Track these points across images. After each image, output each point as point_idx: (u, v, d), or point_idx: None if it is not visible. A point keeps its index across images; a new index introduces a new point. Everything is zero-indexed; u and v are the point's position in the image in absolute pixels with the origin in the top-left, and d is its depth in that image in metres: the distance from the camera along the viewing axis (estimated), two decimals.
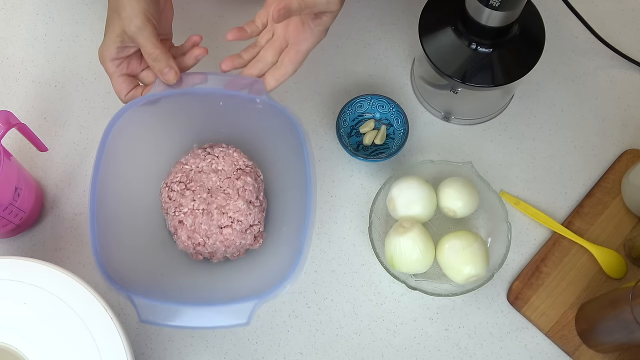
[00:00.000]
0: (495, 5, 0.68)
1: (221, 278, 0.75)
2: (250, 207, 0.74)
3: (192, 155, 0.77)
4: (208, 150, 0.77)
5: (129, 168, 0.73)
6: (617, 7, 0.92)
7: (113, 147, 0.70)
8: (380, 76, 0.88)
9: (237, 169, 0.76)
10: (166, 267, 0.74)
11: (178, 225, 0.74)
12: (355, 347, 0.76)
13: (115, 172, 0.71)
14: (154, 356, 0.76)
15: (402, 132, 0.82)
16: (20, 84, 0.87)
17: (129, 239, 0.72)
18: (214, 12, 0.91)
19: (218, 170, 0.76)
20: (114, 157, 0.70)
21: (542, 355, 0.76)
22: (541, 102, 0.87)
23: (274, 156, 0.78)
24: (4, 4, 0.92)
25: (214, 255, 0.75)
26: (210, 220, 0.73)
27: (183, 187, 0.75)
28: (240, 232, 0.74)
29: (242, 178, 0.75)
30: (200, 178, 0.75)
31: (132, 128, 0.71)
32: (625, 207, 0.81)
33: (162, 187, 0.76)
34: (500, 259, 0.75)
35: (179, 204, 0.74)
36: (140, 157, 0.75)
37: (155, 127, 0.75)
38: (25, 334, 0.63)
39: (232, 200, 0.74)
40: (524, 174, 0.84)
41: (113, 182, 0.70)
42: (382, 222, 0.79)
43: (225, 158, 0.76)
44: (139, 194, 0.75)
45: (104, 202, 0.68)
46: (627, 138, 0.85)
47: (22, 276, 0.65)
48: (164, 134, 0.77)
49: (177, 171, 0.76)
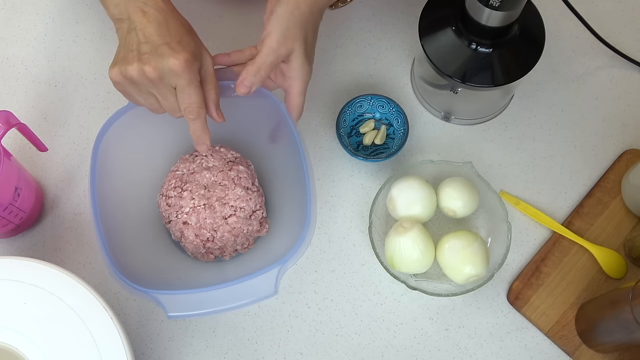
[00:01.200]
0: (495, 5, 0.68)
1: (235, 271, 0.75)
2: (249, 192, 0.75)
3: (181, 162, 0.78)
4: (195, 154, 0.78)
5: (124, 184, 0.74)
6: (617, 7, 0.92)
7: (103, 168, 0.70)
8: (380, 76, 0.88)
9: (227, 162, 0.77)
10: (180, 273, 0.74)
11: (183, 227, 0.74)
12: (355, 347, 0.76)
13: (110, 189, 0.71)
14: (154, 356, 0.76)
15: (402, 132, 0.82)
16: (20, 84, 0.87)
17: (137, 250, 0.72)
18: (214, 12, 0.91)
19: (209, 167, 0.76)
20: (106, 176, 0.71)
21: (542, 355, 0.76)
22: (541, 102, 0.87)
23: (261, 144, 0.78)
24: (4, 4, 0.92)
25: (225, 250, 0.75)
26: (214, 213, 0.74)
27: (179, 190, 0.75)
28: (244, 218, 0.74)
29: (235, 168, 0.76)
30: (194, 178, 0.76)
31: (119, 143, 0.73)
32: (625, 207, 0.81)
33: (159, 199, 0.77)
34: (500, 259, 0.75)
35: (179, 206, 0.74)
36: (131, 175, 0.76)
37: (143, 139, 0.76)
38: (25, 334, 0.63)
39: (230, 190, 0.74)
40: (524, 174, 0.84)
41: (109, 200, 0.71)
42: (382, 222, 0.79)
43: (214, 155, 0.77)
44: (138, 210, 0.76)
45: (105, 217, 0.69)
46: (627, 138, 0.85)
47: (22, 276, 0.65)
48: (151, 145, 0.78)
49: (169, 179, 0.77)
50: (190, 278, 0.74)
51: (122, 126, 0.72)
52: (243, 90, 0.67)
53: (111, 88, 0.87)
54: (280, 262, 0.65)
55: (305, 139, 0.84)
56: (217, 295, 0.64)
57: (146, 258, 0.73)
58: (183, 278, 0.74)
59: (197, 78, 0.64)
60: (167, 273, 0.73)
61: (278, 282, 0.64)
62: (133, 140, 0.75)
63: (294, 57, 0.67)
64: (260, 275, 0.65)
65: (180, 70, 0.61)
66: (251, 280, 0.65)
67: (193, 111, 0.64)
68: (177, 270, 0.75)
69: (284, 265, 0.65)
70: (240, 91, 0.67)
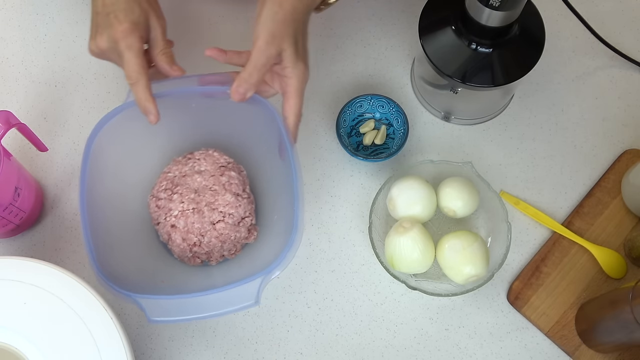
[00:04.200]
0: (496, 5, 0.68)
1: (221, 277, 0.75)
2: (239, 199, 0.75)
3: (174, 163, 0.78)
4: (188, 156, 0.78)
5: (115, 184, 0.74)
6: (617, 7, 0.92)
7: (95, 168, 0.71)
8: (380, 76, 0.88)
9: (219, 167, 0.76)
10: (165, 276, 0.74)
11: (171, 230, 0.74)
12: (355, 347, 0.76)
13: (102, 189, 0.72)
14: (154, 356, 0.76)
15: (402, 132, 0.82)
16: (20, 84, 0.87)
17: (124, 250, 0.72)
18: (214, 12, 0.91)
19: (201, 171, 0.76)
20: (98, 176, 0.71)
21: (542, 355, 0.76)
22: (541, 102, 0.87)
23: (255, 150, 0.78)
24: (4, 4, 0.92)
25: (212, 255, 0.75)
26: (202, 218, 0.73)
27: (170, 193, 0.75)
28: (233, 225, 0.74)
29: (226, 173, 0.76)
30: (185, 181, 0.75)
31: (111, 145, 0.73)
32: (625, 207, 0.81)
33: (149, 200, 0.77)
34: (500, 259, 0.75)
35: (168, 209, 0.74)
36: (124, 175, 0.76)
37: (135, 141, 0.76)
38: (25, 334, 0.63)
39: (220, 195, 0.74)
40: (524, 174, 0.84)
41: (100, 200, 0.71)
42: (382, 222, 0.79)
43: (206, 159, 0.77)
44: (128, 211, 0.76)
45: (95, 217, 0.69)
46: (627, 138, 0.85)
47: (22, 276, 0.65)
48: (144, 147, 0.78)
49: (161, 180, 0.77)
50: (175, 281, 0.74)
51: (115, 126, 0.72)
52: (237, 97, 0.67)
53: (111, 88, 0.88)
54: (263, 272, 0.64)
55: (305, 139, 0.84)
56: (199, 301, 0.64)
57: (133, 258, 0.73)
58: (168, 281, 0.73)
59: (138, 44, 0.67)
60: (152, 275, 0.73)
61: (260, 292, 0.64)
62: (126, 141, 0.75)
63: (286, 56, 0.67)
64: (242, 285, 0.64)
65: (119, 38, 0.66)
66: (234, 289, 0.64)
67: (131, 76, 0.67)
68: (163, 272, 0.74)
69: (267, 276, 0.64)
70: (235, 98, 0.68)
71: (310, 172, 0.83)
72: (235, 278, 0.65)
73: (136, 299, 0.64)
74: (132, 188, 0.77)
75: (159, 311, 0.63)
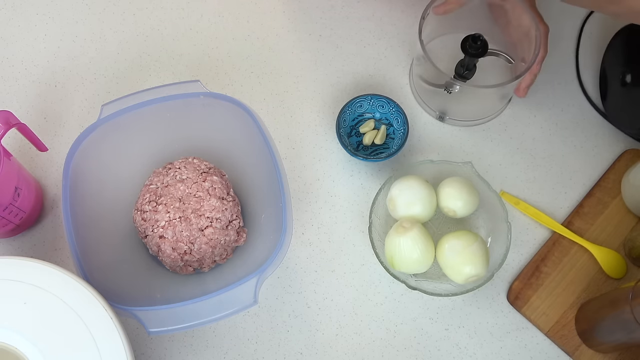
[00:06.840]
0: None
1: (215, 282, 0.75)
2: (224, 202, 0.75)
3: (155, 175, 0.78)
4: (168, 166, 0.78)
5: (98, 204, 0.74)
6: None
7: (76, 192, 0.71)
8: (380, 76, 0.88)
9: (201, 173, 0.76)
10: (160, 289, 0.74)
11: (160, 241, 0.74)
12: (355, 347, 0.76)
13: (86, 211, 0.72)
14: (154, 356, 0.76)
15: (402, 132, 0.82)
16: (20, 84, 0.87)
17: (117, 269, 0.72)
18: (214, 12, 0.91)
19: (183, 179, 0.76)
20: (80, 199, 0.71)
21: (542, 355, 0.76)
22: (541, 102, 0.87)
23: (235, 153, 0.78)
24: (4, 4, 0.92)
25: (203, 262, 0.75)
26: (190, 225, 0.73)
27: (154, 204, 0.75)
28: (221, 229, 0.74)
29: (209, 179, 0.76)
30: (169, 191, 0.75)
31: (88, 166, 0.73)
32: (625, 207, 0.81)
33: (134, 214, 0.77)
34: (500, 259, 0.75)
35: (154, 220, 0.74)
36: (106, 194, 0.76)
37: (112, 158, 0.76)
38: (25, 334, 0.63)
39: (205, 201, 0.74)
40: (524, 174, 0.84)
41: (86, 221, 0.71)
42: (382, 222, 0.79)
43: (187, 166, 0.77)
44: (114, 230, 0.76)
45: (83, 240, 0.69)
46: (627, 138, 0.85)
47: (22, 276, 0.65)
48: (123, 162, 0.78)
49: (144, 193, 0.76)
50: (169, 292, 0.74)
51: (89, 147, 0.73)
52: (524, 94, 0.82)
53: (111, 88, 0.87)
54: (258, 272, 0.65)
55: (305, 139, 0.84)
56: (196, 308, 0.64)
57: (124, 274, 0.73)
58: (163, 294, 0.73)
59: None
60: (146, 288, 0.73)
61: (257, 291, 0.64)
62: (103, 160, 0.75)
63: None
64: (238, 286, 0.65)
65: None
66: (230, 292, 0.65)
67: None
68: (156, 285, 0.74)
69: (262, 275, 0.65)
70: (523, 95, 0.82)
71: (310, 172, 0.83)
72: (229, 281, 0.66)
73: (133, 312, 0.64)
74: (115, 206, 0.77)
75: (157, 322, 0.64)
